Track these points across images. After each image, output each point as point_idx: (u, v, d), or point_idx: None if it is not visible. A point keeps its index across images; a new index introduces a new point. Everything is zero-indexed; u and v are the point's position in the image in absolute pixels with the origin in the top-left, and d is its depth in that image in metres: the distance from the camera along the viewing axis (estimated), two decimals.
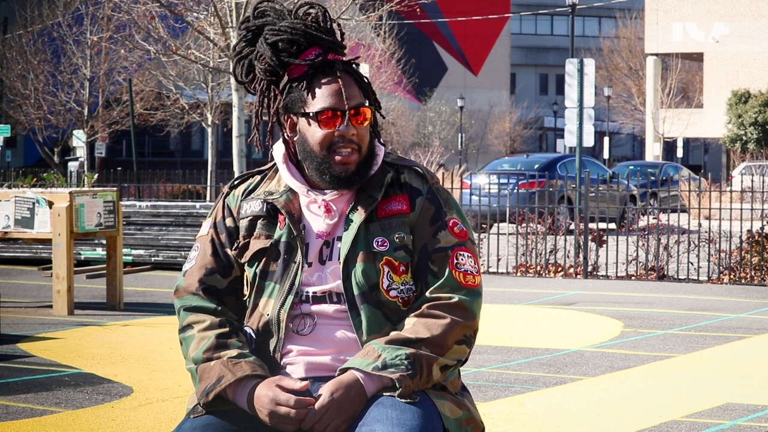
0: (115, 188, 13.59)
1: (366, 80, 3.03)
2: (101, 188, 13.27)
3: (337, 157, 2.95)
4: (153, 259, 14.77)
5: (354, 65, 3.04)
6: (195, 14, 19.75)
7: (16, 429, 5.81)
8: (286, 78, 3.00)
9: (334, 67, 2.98)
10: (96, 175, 23.33)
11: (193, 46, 25.55)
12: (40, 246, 15.17)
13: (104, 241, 12.71)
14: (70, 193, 10.42)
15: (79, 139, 34.15)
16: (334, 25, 3.04)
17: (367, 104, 2.99)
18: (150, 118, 35.30)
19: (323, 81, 2.96)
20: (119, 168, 19.41)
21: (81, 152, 35.27)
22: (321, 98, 2.95)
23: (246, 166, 18.46)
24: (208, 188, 22.35)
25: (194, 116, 33.14)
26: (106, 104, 35.14)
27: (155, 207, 14.96)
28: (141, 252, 14.79)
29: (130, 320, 10.00)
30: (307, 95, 2.96)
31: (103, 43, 31.76)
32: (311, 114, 2.96)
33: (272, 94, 3.02)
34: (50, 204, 10.39)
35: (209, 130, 32.00)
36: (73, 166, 33.64)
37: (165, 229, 14.83)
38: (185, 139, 59.93)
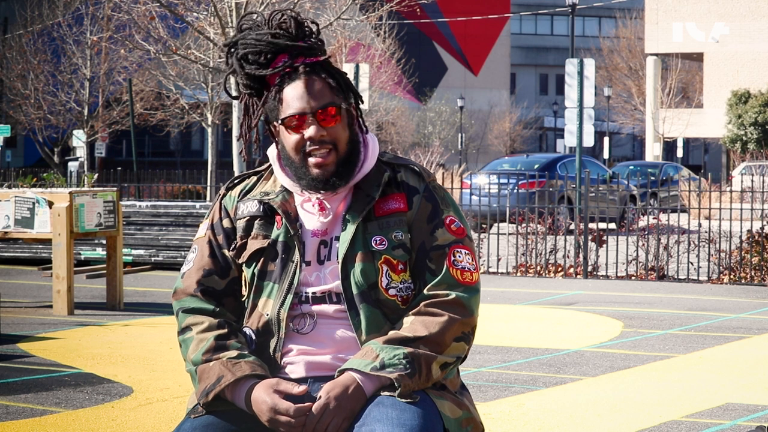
0: (115, 188, 13.59)
1: (341, 77, 3.02)
2: (101, 188, 13.27)
3: (312, 160, 2.96)
4: (153, 259, 14.77)
5: (327, 64, 3.03)
6: (195, 14, 19.75)
7: (16, 429, 5.81)
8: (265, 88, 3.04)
9: (299, 71, 2.99)
10: (96, 175, 23.33)
11: (193, 46, 25.55)
12: (40, 246, 15.17)
13: (104, 241, 12.71)
14: (70, 193, 10.42)
15: (79, 139, 34.15)
16: (312, 27, 3.04)
17: (336, 102, 2.98)
18: (150, 118, 35.29)
19: (290, 87, 2.98)
20: (119, 168, 19.41)
21: (81, 152, 35.27)
22: (288, 104, 2.97)
23: (246, 166, 18.46)
24: (208, 188, 22.35)
25: (194, 116, 33.14)
26: (106, 104, 35.14)
27: (155, 207, 14.96)
28: (141, 252, 14.79)
29: (130, 320, 10.00)
30: (278, 103, 2.99)
31: (103, 43, 31.76)
32: (281, 121, 2.98)
33: (254, 106, 3.06)
34: (50, 204, 10.39)
35: (209, 130, 32.01)
36: (73, 166, 33.63)
37: (165, 229, 14.83)
38: (185, 139, 59.94)
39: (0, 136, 34.67)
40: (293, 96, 2.97)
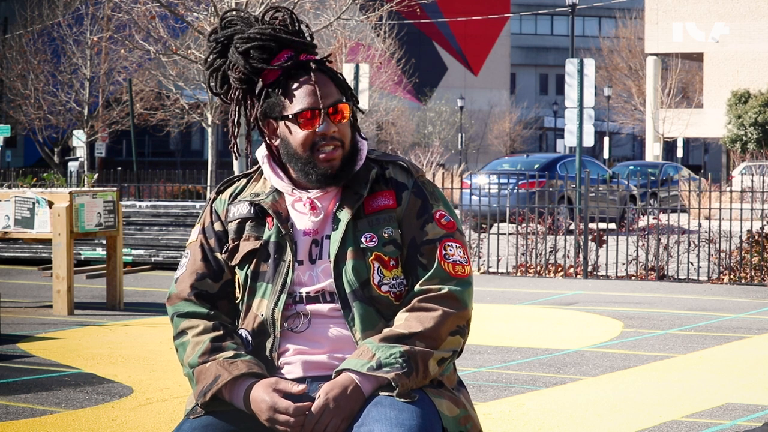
0: (115, 188, 13.59)
1: (341, 77, 3.03)
2: (101, 188, 13.27)
3: (322, 155, 2.96)
4: (153, 259, 14.78)
5: (327, 62, 3.04)
6: (195, 14, 19.75)
7: (16, 429, 5.81)
8: (261, 84, 3.00)
9: (307, 67, 2.99)
10: (96, 175, 23.34)
11: (193, 46, 25.54)
12: (40, 246, 15.17)
13: (104, 241, 12.71)
14: (70, 193, 10.42)
15: (79, 139, 34.15)
16: (303, 27, 3.04)
17: (344, 101, 3.00)
18: (150, 118, 35.28)
19: (298, 82, 2.97)
20: (119, 168, 19.41)
21: (81, 152, 35.27)
22: (298, 100, 2.96)
23: (246, 166, 18.45)
24: (208, 188, 22.33)
25: (194, 116, 33.13)
26: (106, 104, 35.14)
27: (155, 207, 14.97)
28: (141, 252, 14.79)
29: (130, 320, 10.00)
30: (284, 99, 2.97)
31: (103, 43, 31.75)
32: (290, 116, 2.97)
33: (248, 102, 3.03)
34: (50, 204, 10.39)
35: (209, 130, 31.96)
36: (73, 166, 33.63)
37: (165, 229, 14.84)
38: (185, 139, 59.95)
39: (0, 136, 34.67)
40: (303, 92, 2.96)
